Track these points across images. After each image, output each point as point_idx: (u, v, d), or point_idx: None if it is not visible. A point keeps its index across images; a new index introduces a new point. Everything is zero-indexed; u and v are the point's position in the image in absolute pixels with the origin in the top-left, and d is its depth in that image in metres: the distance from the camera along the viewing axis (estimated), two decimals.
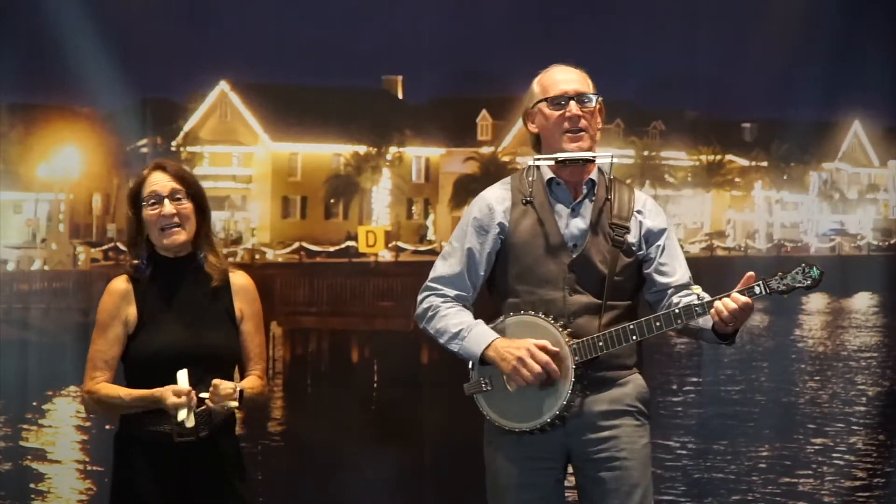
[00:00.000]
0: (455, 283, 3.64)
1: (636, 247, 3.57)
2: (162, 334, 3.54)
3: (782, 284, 3.35)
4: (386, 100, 62.75)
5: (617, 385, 3.55)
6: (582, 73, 3.66)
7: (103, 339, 3.58)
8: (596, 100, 3.61)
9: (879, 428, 19.30)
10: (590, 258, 3.54)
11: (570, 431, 3.53)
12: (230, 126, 59.81)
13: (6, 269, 37.17)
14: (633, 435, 3.54)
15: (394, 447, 16.14)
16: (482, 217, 3.65)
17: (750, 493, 14.65)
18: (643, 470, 3.55)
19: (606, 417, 3.53)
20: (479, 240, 3.64)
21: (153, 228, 3.55)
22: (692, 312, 3.42)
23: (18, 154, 47.97)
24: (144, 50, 54.90)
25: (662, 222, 3.63)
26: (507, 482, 3.58)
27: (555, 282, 3.54)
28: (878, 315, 40.17)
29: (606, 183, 3.62)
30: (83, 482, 15.97)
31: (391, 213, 58.71)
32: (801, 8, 54.00)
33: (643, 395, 3.58)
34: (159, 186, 3.56)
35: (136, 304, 3.57)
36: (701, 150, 63.29)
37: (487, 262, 3.63)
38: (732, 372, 25.62)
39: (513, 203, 3.63)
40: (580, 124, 3.57)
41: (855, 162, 72.84)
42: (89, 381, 3.57)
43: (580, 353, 3.47)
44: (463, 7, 73.42)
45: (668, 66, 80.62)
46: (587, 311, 3.51)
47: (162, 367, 3.48)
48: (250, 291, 3.66)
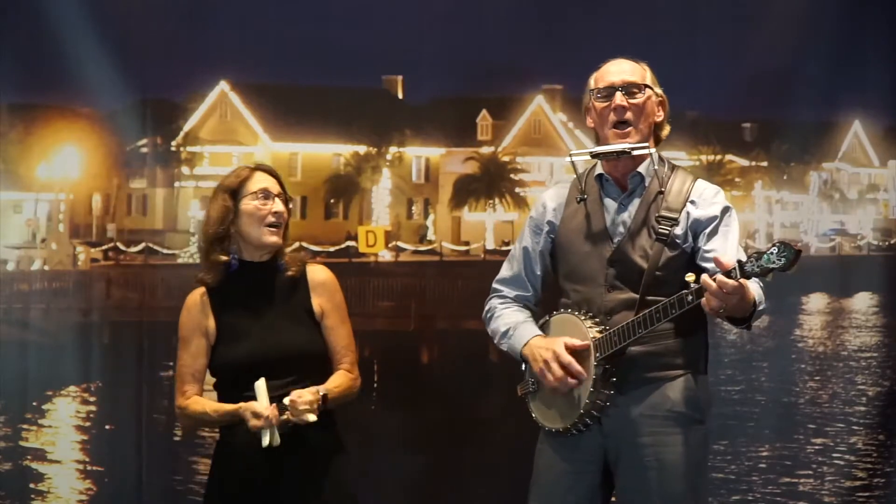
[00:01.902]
0: (514, 283, 3.63)
1: (681, 239, 3.45)
2: (241, 343, 3.54)
3: (756, 266, 3.17)
4: (386, 100, 62.72)
5: (660, 387, 3.44)
6: (638, 65, 3.56)
7: (187, 353, 3.59)
8: (644, 90, 3.50)
9: (879, 428, 19.29)
10: (627, 253, 3.45)
11: (606, 433, 3.46)
12: (230, 126, 59.79)
13: (6, 269, 37.17)
14: (673, 443, 3.42)
15: (393, 447, 16.13)
16: (537, 216, 3.63)
17: (750, 493, 14.63)
18: (684, 480, 3.41)
19: (646, 421, 3.43)
20: (534, 239, 3.61)
21: (255, 223, 3.55)
22: (684, 301, 3.30)
23: (18, 154, 47.93)
24: (144, 50, 54.75)
25: (714, 210, 3.47)
26: (545, 480, 3.55)
27: (596, 278, 3.48)
28: (878, 315, 40.13)
29: (659, 175, 3.51)
30: (83, 482, 15.96)
31: (391, 213, 58.68)
32: (801, 8, 53.97)
33: (692, 399, 3.45)
34: (270, 185, 3.59)
35: (213, 315, 3.58)
36: (701, 150, 63.28)
37: (542, 261, 3.60)
38: (732, 372, 25.59)
39: (567, 201, 3.58)
40: (626, 116, 3.48)
41: (855, 162, 72.81)
42: (180, 397, 3.59)
43: (601, 349, 3.41)
44: (463, 7, 73.40)
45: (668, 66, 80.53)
46: (624, 307, 3.43)
47: (245, 376, 3.49)
48: (329, 285, 3.64)
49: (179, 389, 3.57)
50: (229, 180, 3.61)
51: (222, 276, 3.59)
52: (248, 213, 3.55)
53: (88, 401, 22.96)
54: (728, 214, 3.50)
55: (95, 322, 29.41)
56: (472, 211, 58.38)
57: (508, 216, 56.88)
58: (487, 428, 16.21)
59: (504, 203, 57.21)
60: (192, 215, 52.71)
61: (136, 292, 31.57)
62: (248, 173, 3.61)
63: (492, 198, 57.12)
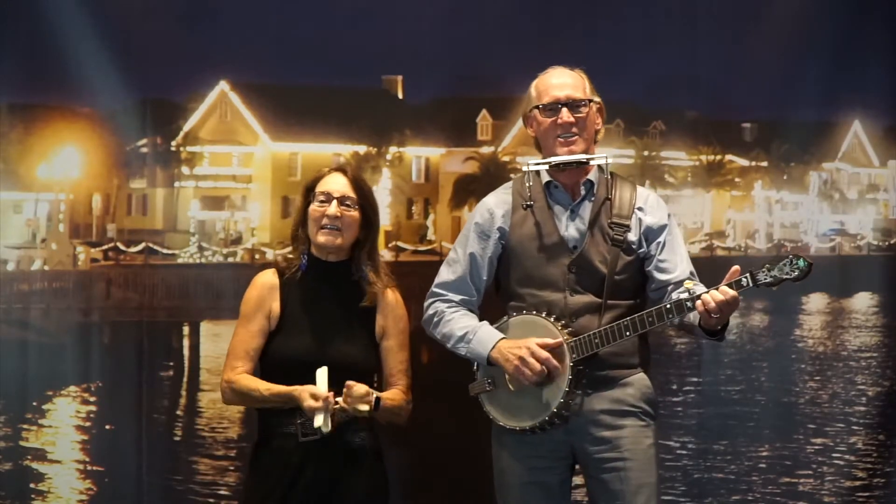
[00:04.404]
0: (459, 287, 3.67)
1: (636, 245, 3.56)
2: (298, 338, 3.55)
3: (769, 276, 3.28)
4: (386, 100, 62.73)
5: (619, 385, 3.54)
6: (577, 76, 3.66)
7: (246, 329, 3.58)
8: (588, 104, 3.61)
9: (879, 428, 19.29)
10: (589, 258, 3.53)
11: (571, 430, 3.53)
12: (230, 126, 59.78)
13: (6, 269, 37.15)
14: (636, 436, 3.53)
15: (393, 447, 16.13)
16: (483, 222, 3.70)
17: (750, 493, 14.64)
18: (647, 471, 3.53)
19: (609, 418, 3.52)
20: (481, 245, 3.67)
21: (314, 224, 3.59)
22: (683, 307, 3.38)
23: (18, 154, 47.94)
24: (144, 50, 54.79)
25: (662, 218, 3.60)
26: (512, 481, 3.62)
27: (556, 283, 3.55)
28: (878, 315, 40.13)
29: (607, 182, 3.60)
30: (83, 482, 15.96)
31: (391, 213, 58.69)
32: (801, 8, 53.98)
33: (648, 395, 3.57)
34: (333, 188, 3.60)
35: (280, 300, 3.58)
36: (701, 150, 63.22)
37: (490, 267, 3.66)
38: (732, 372, 25.59)
39: (513, 207, 3.67)
40: (572, 130, 3.60)
41: (855, 162, 72.77)
42: (229, 371, 3.57)
43: (577, 351, 3.47)
44: (463, 7, 73.29)
45: (668, 67, 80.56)
46: (588, 311, 3.51)
47: (294, 371, 3.50)
48: (396, 308, 3.65)
49: (230, 364, 3.56)
50: (310, 179, 3.67)
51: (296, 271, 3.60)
52: (311, 215, 3.61)
53: (88, 401, 22.95)
54: (672, 222, 3.63)
55: (95, 322, 29.40)
56: (472, 211, 58.42)
57: None
58: (487, 428, 16.20)
59: None
60: (192, 215, 52.71)
61: (136, 292, 31.56)
62: (321, 174, 3.65)
63: None
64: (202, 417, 21.31)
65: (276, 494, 3.53)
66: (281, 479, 3.53)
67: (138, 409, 20.63)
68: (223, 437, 18.89)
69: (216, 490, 14.72)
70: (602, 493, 3.54)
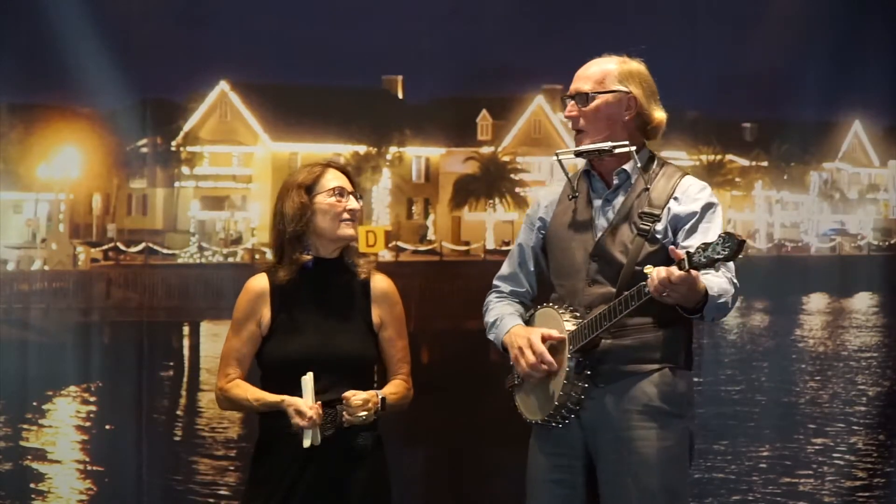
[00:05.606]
0: (511, 279, 3.68)
1: (662, 235, 3.47)
2: (293, 339, 3.55)
3: (703, 257, 3.19)
4: (386, 100, 62.73)
5: (637, 380, 3.44)
6: (601, 66, 3.60)
7: (237, 336, 3.59)
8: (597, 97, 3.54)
9: (879, 428, 19.29)
10: (608, 248, 3.47)
11: (585, 426, 3.47)
12: (230, 126, 59.79)
13: (6, 269, 37.16)
14: (648, 437, 3.42)
15: (393, 447, 16.13)
16: (531, 213, 3.69)
17: (750, 493, 14.64)
18: (662, 475, 3.40)
19: (622, 415, 3.43)
20: (527, 236, 3.67)
21: (332, 220, 3.58)
22: (642, 292, 3.32)
23: (18, 154, 47.94)
24: (144, 50, 54.73)
25: (695, 206, 3.49)
26: (536, 475, 3.57)
27: (579, 273, 3.51)
28: (878, 315, 40.12)
29: (649, 171, 3.55)
30: (83, 482, 15.96)
31: (391, 213, 58.71)
32: (801, 8, 53.98)
33: (668, 393, 3.44)
34: (344, 183, 3.63)
35: (270, 305, 3.57)
36: (701, 150, 63.26)
37: (535, 257, 3.65)
38: (732, 372, 25.60)
39: (560, 198, 3.62)
40: (579, 125, 3.56)
41: (855, 162, 72.79)
42: (222, 379, 3.58)
43: (574, 341, 3.43)
44: (463, 7, 73.30)
45: (668, 66, 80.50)
46: (603, 301, 3.44)
47: (292, 372, 3.49)
48: (391, 296, 3.68)
49: (222, 371, 3.57)
50: (302, 177, 3.66)
51: (295, 274, 3.59)
52: (322, 211, 3.59)
53: (88, 401, 22.96)
54: (711, 211, 3.51)
55: (95, 322, 29.38)
56: (472, 211, 58.38)
57: (508, 216, 56.86)
58: (487, 428, 16.21)
59: (504, 203, 57.21)
60: (192, 215, 52.71)
61: (136, 292, 31.53)
62: (321, 170, 3.66)
63: (492, 198, 57.12)
64: (202, 417, 21.31)
65: (278, 495, 3.53)
66: (282, 479, 3.53)
67: (138, 409, 20.63)
68: (223, 437, 18.89)
69: (216, 490, 14.72)
70: (610, 496, 3.45)
